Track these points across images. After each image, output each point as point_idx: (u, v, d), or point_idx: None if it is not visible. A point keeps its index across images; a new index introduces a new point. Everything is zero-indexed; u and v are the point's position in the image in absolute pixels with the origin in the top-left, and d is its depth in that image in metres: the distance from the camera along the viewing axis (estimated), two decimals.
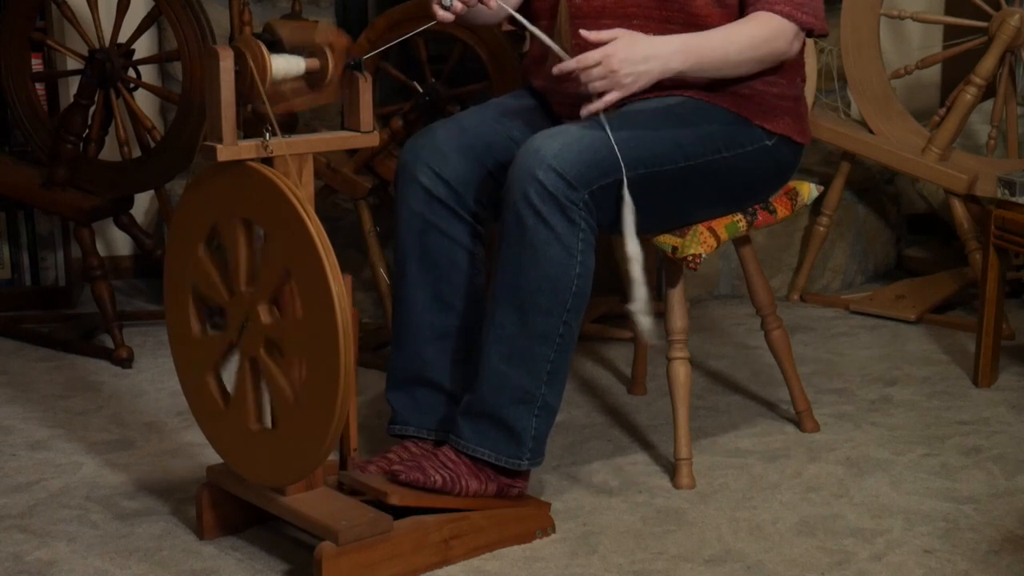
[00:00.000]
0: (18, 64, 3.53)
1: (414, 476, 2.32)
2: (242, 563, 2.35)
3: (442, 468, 2.36)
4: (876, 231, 4.07)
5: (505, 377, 2.36)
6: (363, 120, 2.26)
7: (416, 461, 2.37)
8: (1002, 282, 3.12)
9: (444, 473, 2.35)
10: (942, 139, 3.67)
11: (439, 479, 2.34)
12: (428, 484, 2.33)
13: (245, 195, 2.19)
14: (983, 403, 3.04)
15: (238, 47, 2.15)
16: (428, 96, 3.26)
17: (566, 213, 2.31)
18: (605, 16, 2.50)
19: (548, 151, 2.32)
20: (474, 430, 2.39)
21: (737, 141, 2.52)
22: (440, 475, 2.34)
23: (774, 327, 2.84)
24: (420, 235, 2.50)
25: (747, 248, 2.79)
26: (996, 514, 2.49)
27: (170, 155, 3.38)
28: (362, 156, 3.28)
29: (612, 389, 3.17)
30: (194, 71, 3.28)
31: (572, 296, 2.35)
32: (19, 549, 2.40)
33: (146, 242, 3.56)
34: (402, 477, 2.32)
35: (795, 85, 2.60)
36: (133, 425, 2.97)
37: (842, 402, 3.06)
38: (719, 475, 2.67)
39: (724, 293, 3.89)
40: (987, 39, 3.67)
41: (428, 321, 2.51)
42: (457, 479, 2.35)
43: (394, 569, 2.25)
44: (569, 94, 2.55)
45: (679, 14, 2.47)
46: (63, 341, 3.48)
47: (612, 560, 2.34)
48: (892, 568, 2.30)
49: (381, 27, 3.22)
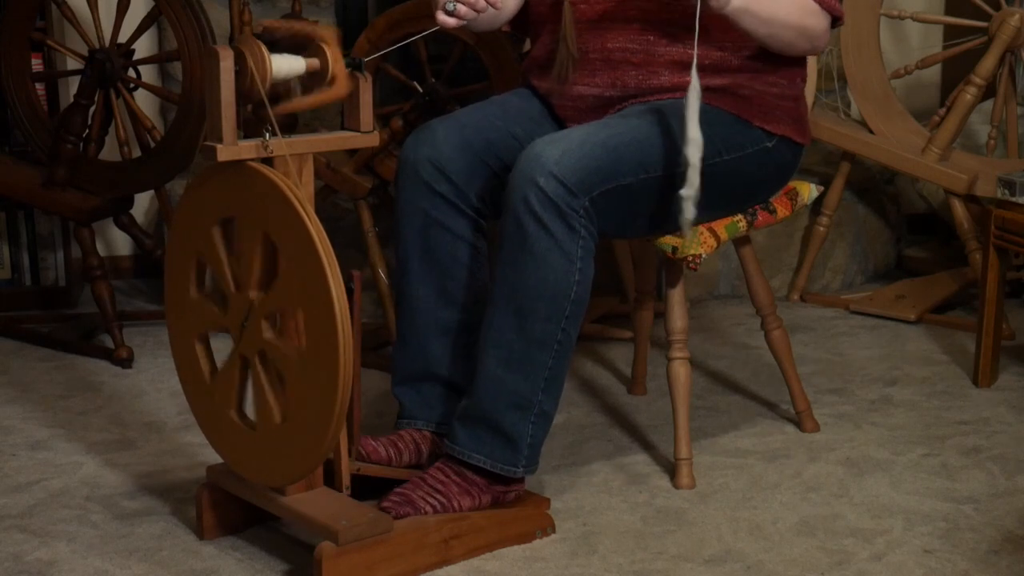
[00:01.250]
0: (18, 64, 3.53)
1: (405, 511, 2.32)
2: (242, 563, 2.35)
3: (432, 495, 2.35)
4: (876, 231, 4.07)
5: (502, 383, 2.36)
6: (363, 120, 2.26)
7: (405, 494, 2.35)
8: (1002, 282, 3.12)
9: (435, 500, 2.34)
10: (942, 139, 3.67)
11: (430, 508, 2.33)
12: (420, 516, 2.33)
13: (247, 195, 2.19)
14: (983, 403, 3.04)
15: (238, 47, 2.15)
16: (428, 96, 3.26)
17: (566, 220, 2.31)
18: (607, 19, 2.50)
19: (549, 157, 2.31)
20: (469, 436, 2.38)
21: (737, 143, 2.52)
22: (431, 503, 2.33)
23: (774, 327, 2.84)
24: (422, 231, 2.50)
25: (747, 248, 2.79)
26: (996, 514, 2.49)
27: (170, 155, 3.38)
28: (362, 156, 3.28)
29: (612, 389, 3.17)
30: (194, 71, 3.28)
31: (571, 303, 2.35)
32: (19, 549, 2.40)
33: (146, 242, 3.56)
34: (393, 514, 2.31)
35: (795, 85, 2.60)
36: (133, 425, 2.97)
37: (842, 402, 3.06)
38: (719, 475, 2.67)
39: (724, 293, 3.89)
40: (987, 39, 3.67)
41: (432, 316, 2.51)
42: (448, 503, 2.35)
43: (394, 569, 2.25)
44: (571, 96, 2.55)
45: (680, 16, 2.47)
46: (63, 341, 3.48)
47: (612, 560, 2.34)
48: (892, 568, 2.30)
49: (381, 27, 3.22)
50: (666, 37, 2.47)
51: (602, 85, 2.51)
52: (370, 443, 2.45)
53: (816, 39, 2.50)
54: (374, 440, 2.46)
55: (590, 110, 2.54)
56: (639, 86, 2.50)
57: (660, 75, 2.49)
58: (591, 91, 2.52)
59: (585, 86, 2.53)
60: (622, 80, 2.50)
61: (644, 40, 2.48)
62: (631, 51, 2.49)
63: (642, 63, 2.49)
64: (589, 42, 2.50)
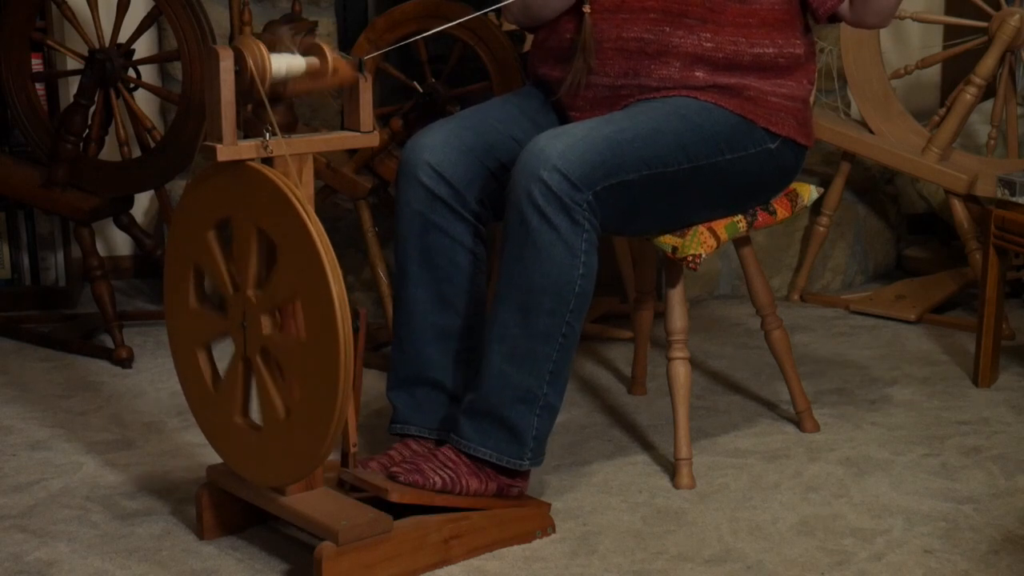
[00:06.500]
0: (18, 64, 3.53)
1: (413, 478, 2.33)
2: (242, 563, 2.35)
3: (441, 468, 2.36)
4: (876, 231, 4.07)
5: (507, 376, 2.36)
6: (363, 120, 2.26)
7: (415, 463, 2.37)
8: (1002, 282, 3.12)
9: (444, 474, 2.35)
10: (942, 139, 3.67)
11: (439, 480, 2.34)
12: (428, 485, 2.33)
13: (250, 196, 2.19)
14: (983, 403, 3.04)
15: (238, 47, 2.15)
16: (428, 96, 3.26)
17: (570, 214, 2.31)
18: (623, 11, 2.50)
19: (552, 151, 2.32)
20: (476, 429, 2.39)
21: (740, 143, 2.52)
22: (440, 476, 2.34)
23: (774, 327, 2.84)
24: (421, 235, 2.50)
25: (747, 248, 2.79)
26: (996, 514, 2.49)
27: (170, 155, 3.38)
28: (362, 156, 3.28)
29: (612, 389, 3.17)
30: (194, 71, 3.28)
31: (575, 296, 2.35)
32: (19, 549, 2.40)
33: (146, 242, 3.56)
34: (401, 479, 2.32)
35: (802, 87, 2.60)
36: (133, 425, 2.97)
37: (842, 402, 3.06)
38: (719, 475, 2.67)
39: (724, 293, 3.89)
40: (987, 39, 3.67)
41: (429, 321, 2.51)
42: (457, 479, 2.35)
43: (394, 569, 2.25)
44: (582, 84, 2.54)
45: (697, 8, 2.47)
46: (63, 341, 3.48)
47: (612, 560, 2.34)
48: (892, 568, 2.30)
49: (381, 27, 3.22)
50: (682, 28, 2.47)
51: (614, 74, 2.51)
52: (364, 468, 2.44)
53: (895, 7, 2.61)
54: (365, 466, 2.44)
55: (600, 100, 2.54)
56: (651, 76, 2.49)
57: (672, 66, 2.49)
58: (603, 80, 2.52)
59: (597, 75, 2.52)
60: (635, 70, 2.50)
61: (660, 31, 2.48)
62: (646, 41, 2.49)
63: (656, 53, 2.49)
64: (605, 31, 2.50)
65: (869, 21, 2.62)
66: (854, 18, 2.61)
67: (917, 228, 4.38)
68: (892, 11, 2.60)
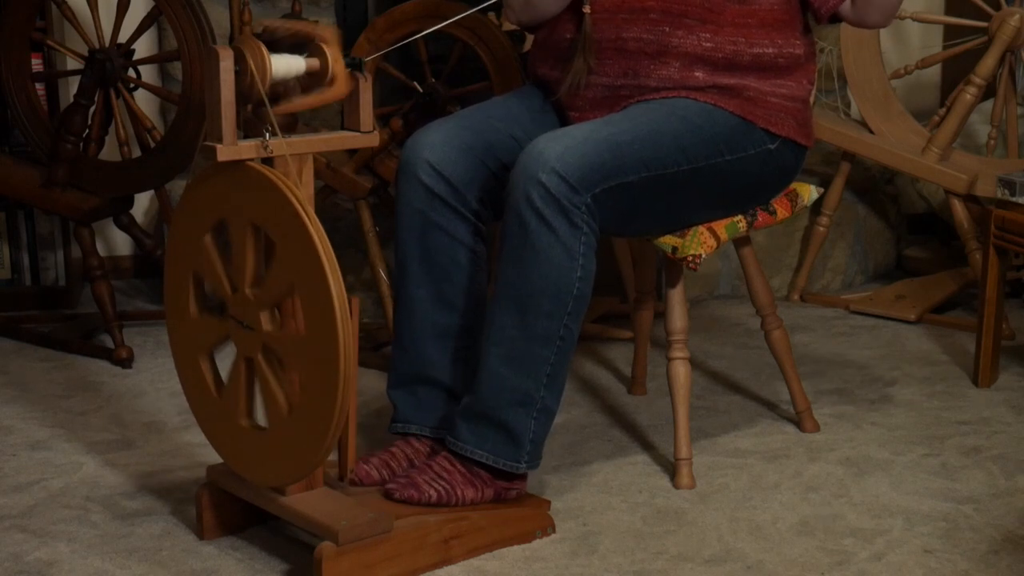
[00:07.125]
0: (18, 64, 3.53)
1: (408, 494, 2.33)
2: (242, 563, 2.35)
3: (436, 481, 2.36)
4: (876, 231, 4.07)
5: (504, 379, 2.36)
6: (363, 120, 2.26)
7: (410, 477, 2.36)
8: (1002, 282, 3.12)
9: (439, 486, 2.35)
10: (942, 139, 3.67)
11: (434, 494, 2.34)
12: (423, 500, 2.34)
13: (246, 195, 2.19)
14: (983, 403, 3.04)
15: (238, 47, 2.15)
16: (428, 96, 3.26)
17: (568, 216, 2.31)
18: (623, 11, 2.49)
19: (551, 153, 2.31)
20: (472, 432, 2.39)
21: (740, 144, 2.52)
22: (435, 489, 2.34)
23: (774, 327, 2.84)
24: (421, 234, 2.50)
25: (747, 248, 2.79)
26: (996, 514, 2.49)
27: (170, 155, 3.38)
28: (362, 156, 3.28)
29: (612, 389, 3.17)
30: (194, 71, 3.28)
31: (573, 299, 2.35)
32: (19, 549, 2.40)
33: (146, 242, 3.56)
34: (396, 496, 2.32)
35: (802, 87, 2.60)
36: (133, 425, 2.97)
37: (842, 402, 3.06)
38: (719, 475, 2.67)
39: (724, 293, 3.89)
40: (987, 39, 3.67)
41: (430, 320, 2.51)
42: (452, 491, 2.35)
43: (394, 569, 2.25)
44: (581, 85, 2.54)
45: (696, 8, 2.47)
46: (63, 341, 3.48)
47: (612, 560, 2.34)
48: (892, 568, 2.30)
49: (381, 27, 3.22)
50: (681, 29, 2.47)
51: (613, 75, 2.51)
52: (363, 467, 2.44)
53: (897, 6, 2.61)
54: (366, 463, 2.45)
55: (600, 100, 2.54)
56: (650, 76, 2.49)
57: (671, 66, 2.49)
58: (602, 80, 2.52)
59: (596, 75, 2.52)
60: (634, 70, 2.50)
61: (659, 31, 2.48)
62: (645, 41, 2.48)
63: (655, 54, 2.49)
64: (604, 31, 2.50)
65: (871, 20, 2.61)
66: (856, 17, 2.61)
67: (917, 228, 4.38)
68: (894, 10, 2.60)
